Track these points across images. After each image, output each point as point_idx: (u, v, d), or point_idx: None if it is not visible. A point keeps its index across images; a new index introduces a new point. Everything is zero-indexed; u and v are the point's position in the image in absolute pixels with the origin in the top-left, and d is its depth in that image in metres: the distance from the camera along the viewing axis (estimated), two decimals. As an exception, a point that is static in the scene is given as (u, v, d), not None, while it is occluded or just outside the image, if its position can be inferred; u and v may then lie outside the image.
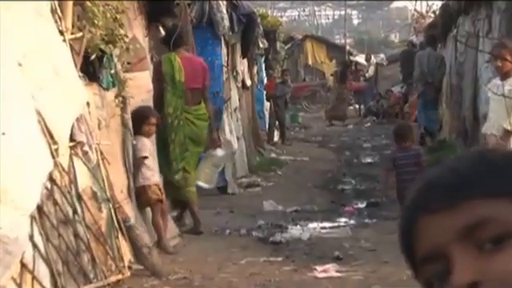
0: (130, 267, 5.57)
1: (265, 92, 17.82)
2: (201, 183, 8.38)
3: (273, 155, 15.47)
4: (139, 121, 6.64)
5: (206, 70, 8.14)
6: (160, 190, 6.80)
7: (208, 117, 8.03)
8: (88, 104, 5.16)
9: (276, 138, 18.15)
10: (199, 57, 8.72)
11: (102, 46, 5.46)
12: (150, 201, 6.67)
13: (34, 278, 4.03)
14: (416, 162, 7.54)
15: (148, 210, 6.77)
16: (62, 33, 4.91)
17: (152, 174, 6.72)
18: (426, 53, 14.64)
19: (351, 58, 33.61)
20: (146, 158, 6.62)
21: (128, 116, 6.40)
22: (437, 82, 14.45)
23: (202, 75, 8.01)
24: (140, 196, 6.61)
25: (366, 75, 28.99)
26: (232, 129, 11.19)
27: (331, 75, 27.19)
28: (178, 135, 7.67)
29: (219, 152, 8.45)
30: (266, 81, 18.70)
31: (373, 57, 30.85)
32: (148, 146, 6.71)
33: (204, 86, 8.03)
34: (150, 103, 7.18)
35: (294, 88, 29.27)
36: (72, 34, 5.10)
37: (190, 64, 7.93)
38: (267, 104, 18.25)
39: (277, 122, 18.06)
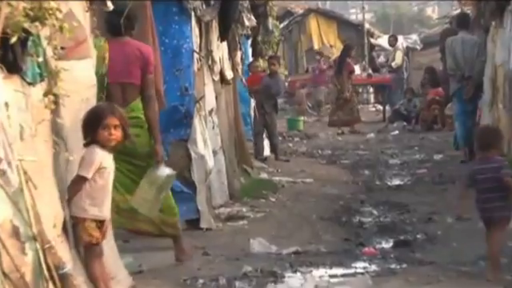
0: (64, 332, 5.56)
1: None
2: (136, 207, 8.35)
3: (263, 175, 15.48)
4: (93, 122, 6.38)
5: (147, 59, 8.13)
6: (100, 227, 6.47)
7: (145, 121, 8.06)
8: (6, 105, 5.15)
9: (267, 151, 18.14)
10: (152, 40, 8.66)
11: (26, 25, 5.45)
12: (80, 240, 6.41)
13: None
14: (497, 178, 7.80)
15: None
16: (-30, 6, 4.92)
17: (93, 204, 6.38)
18: (458, 38, 14.75)
19: (372, 40, 33.74)
20: (85, 179, 6.36)
21: (62, 121, 6.30)
22: (476, 75, 14.56)
23: (140, 66, 8.05)
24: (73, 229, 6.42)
25: (393, 64, 29.02)
26: (206, 139, 11.19)
27: (329, 66, 27.26)
28: None
29: (162, 170, 8.35)
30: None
31: (401, 39, 30.89)
32: (99, 161, 6.36)
33: (144, 80, 8.07)
34: (93, 103, 7.14)
35: (293, 82, 29.27)
36: (-16, 7, 5.11)
37: (120, 51, 7.97)
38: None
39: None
